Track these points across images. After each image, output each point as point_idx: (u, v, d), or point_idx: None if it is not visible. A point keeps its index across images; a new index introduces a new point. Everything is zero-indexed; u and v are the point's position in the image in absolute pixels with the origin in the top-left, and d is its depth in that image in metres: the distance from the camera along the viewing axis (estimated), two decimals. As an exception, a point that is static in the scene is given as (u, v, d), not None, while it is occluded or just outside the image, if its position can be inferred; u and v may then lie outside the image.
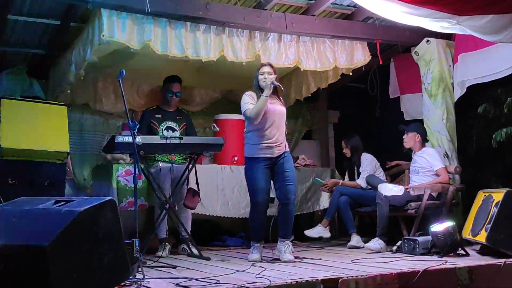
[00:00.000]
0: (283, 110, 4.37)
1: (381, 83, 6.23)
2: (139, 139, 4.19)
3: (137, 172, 3.62)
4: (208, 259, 4.37)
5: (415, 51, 5.54)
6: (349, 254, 4.64)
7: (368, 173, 5.40)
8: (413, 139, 5.23)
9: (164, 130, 5.07)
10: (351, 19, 5.40)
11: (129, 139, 4.10)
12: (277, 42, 5.03)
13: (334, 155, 6.97)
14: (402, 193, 4.87)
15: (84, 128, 5.77)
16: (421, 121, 5.52)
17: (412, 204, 4.87)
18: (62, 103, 4.79)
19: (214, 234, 5.63)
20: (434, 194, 4.98)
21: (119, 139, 4.24)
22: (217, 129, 5.44)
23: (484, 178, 5.71)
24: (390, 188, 4.89)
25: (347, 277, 3.17)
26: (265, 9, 4.93)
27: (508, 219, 4.03)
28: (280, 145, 4.30)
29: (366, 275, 3.25)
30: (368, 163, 5.47)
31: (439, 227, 4.29)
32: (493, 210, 4.12)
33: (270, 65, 4.36)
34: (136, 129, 3.75)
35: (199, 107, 6.37)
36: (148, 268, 3.80)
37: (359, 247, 5.03)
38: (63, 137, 4.53)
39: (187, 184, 4.77)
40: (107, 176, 4.99)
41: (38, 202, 2.80)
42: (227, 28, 4.77)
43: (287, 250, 4.24)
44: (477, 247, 4.41)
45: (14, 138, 4.25)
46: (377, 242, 4.77)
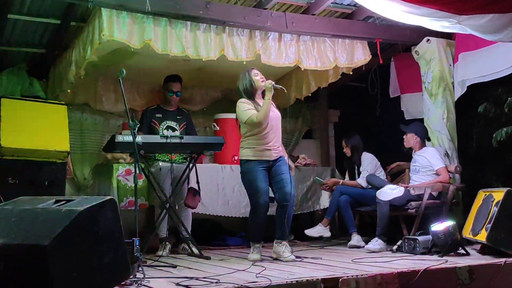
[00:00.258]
0: (279, 114, 4.46)
1: (382, 82, 6.22)
2: (139, 139, 4.19)
3: (137, 171, 3.63)
4: (208, 258, 4.37)
5: (416, 50, 5.53)
6: (350, 253, 4.64)
7: (368, 172, 5.39)
8: (412, 139, 5.23)
9: (165, 129, 5.07)
10: (351, 18, 5.39)
11: (129, 138, 4.10)
12: (278, 42, 5.03)
13: (335, 155, 6.97)
14: (402, 193, 4.87)
15: (84, 128, 5.77)
16: (422, 120, 5.51)
17: (412, 203, 4.87)
18: (62, 103, 4.81)
19: (214, 234, 5.64)
20: (434, 193, 4.98)
21: (119, 138, 4.24)
22: (218, 128, 5.44)
23: (484, 177, 5.70)
24: (389, 193, 4.88)
25: (347, 276, 3.17)
26: (266, 9, 4.93)
27: (509, 218, 4.02)
28: (278, 149, 4.37)
29: (367, 274, 3.25)
30: (369, 163, 5.47)
31: (439, 226, 4.29)
32: (494, 209, 4.11)
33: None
34: (137, 129, 3.76)
35: (199, 106, 6.37)
36: (148, 267, 3.80)
37: (359, 247, 5.03)
38: (63, 137, 4.54)
39: (188, 183, 4.78)
40: (107, 175, 5.00)
41: (38, 201, 2.80)
42: (227, 27, 4.76)
43: (286, 250, 4.25)
44: (478, 247, 4.40)
45: (14, 138, 4.25)
46: (377, 243, 4.76)
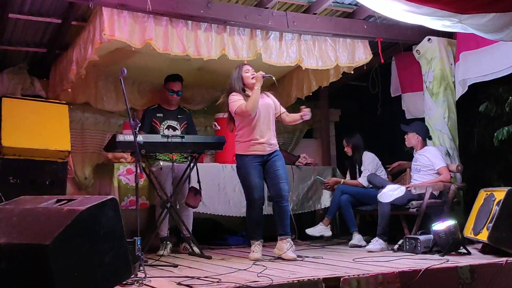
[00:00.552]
0: (271, 103, 4.40)
1: (383, 81, 6.21)
2: (140, 138, 4.19)
3: (138, 171, 3.62)
4: (209, 258, 4.37)
5: (417, 50, 5.53)
6: (351, 252, 4.64)
7: (369, 171, 5.39)
8: (413, 138, 5.23)
9: (165, 129, 5.07)
10: (352, 17, 5.39)
11: (130, 137, 4.09)
12: (279, 41, 5.02)
13: (336, 154, 6.97)
14: (403, 193, 4.87)
15: (85, 127, 5.77)
16: (423, 119, 5.50)
17: (413, 202, 4.86)
18: (63, 102, 4.82)
19: (215, 233, 5.64)
20: (435, 192, 4.98)
21: (120, 137, 4.24)
22: (218, 127, 5.44)
23: (485, 176, 5.70)
24: (390, 194, 4.86)
25: (348, 275, 3.16)
26: (267, 8, 4.92)
27: (510, 217, 4.01)
28: (271, 144, 4.33)
29: (368, 273, 3.24)
30: (370, 162, 5.46)
31: (440, 225, 4.28)
32: (495, 208, 4.11)
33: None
34: (138, 128, 3.76)
35: (200, 105, 6.36)
36: (149, 267, 3.79)
37: (360, 246, 5.03)
38: (64, 136, 4.55)
39: (189, 183, 4.78)
40: (108, 175, 5.00)
41: (39, 201, 2.80)
42: (228, 26, 4.76)
43: (289, 247, 4.21)
44: (479, 246, 4.40)
45: (15, 137, 4.26)
46: (377, 243, 4.75)
